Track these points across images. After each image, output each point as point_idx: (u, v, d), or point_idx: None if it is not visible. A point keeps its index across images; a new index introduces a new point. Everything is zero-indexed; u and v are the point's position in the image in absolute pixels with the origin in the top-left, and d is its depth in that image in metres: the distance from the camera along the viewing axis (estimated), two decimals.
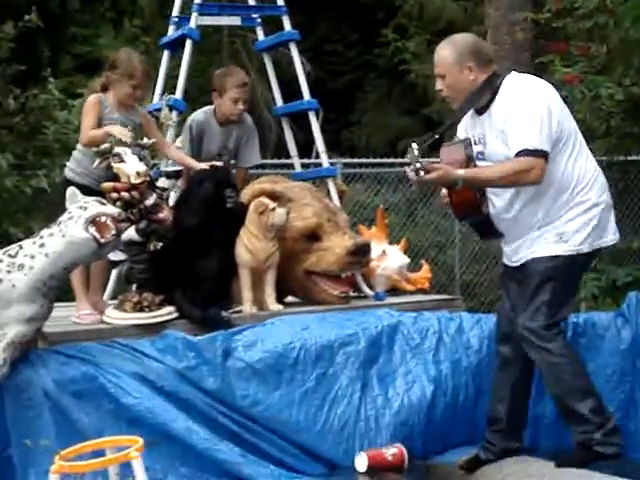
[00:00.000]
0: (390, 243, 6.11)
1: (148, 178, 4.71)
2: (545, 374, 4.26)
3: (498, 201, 4.32)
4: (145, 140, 4.89)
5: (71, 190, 4.32)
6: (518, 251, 4.31)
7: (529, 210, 4.22)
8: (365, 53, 15.18)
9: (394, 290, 5.84)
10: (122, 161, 4.67)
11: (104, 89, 4.97)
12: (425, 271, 6.13)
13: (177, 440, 4.21)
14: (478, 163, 4.29)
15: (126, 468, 3.50)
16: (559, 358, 4.17)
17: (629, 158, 8.48)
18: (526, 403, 4.52)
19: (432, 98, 13.59)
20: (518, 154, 4.05)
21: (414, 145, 4.01)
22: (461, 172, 4.11)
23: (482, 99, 4.25)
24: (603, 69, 7.46)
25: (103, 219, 4.14)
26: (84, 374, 4.21)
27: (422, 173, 4.01)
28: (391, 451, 4.50)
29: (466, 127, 4.42)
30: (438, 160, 4.35)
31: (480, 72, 4.24)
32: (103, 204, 4.25)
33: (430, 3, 13.89)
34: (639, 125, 7.30)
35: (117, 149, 4.67)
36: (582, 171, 4.22)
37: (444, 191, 4.43)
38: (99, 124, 4.86)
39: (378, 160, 9.58)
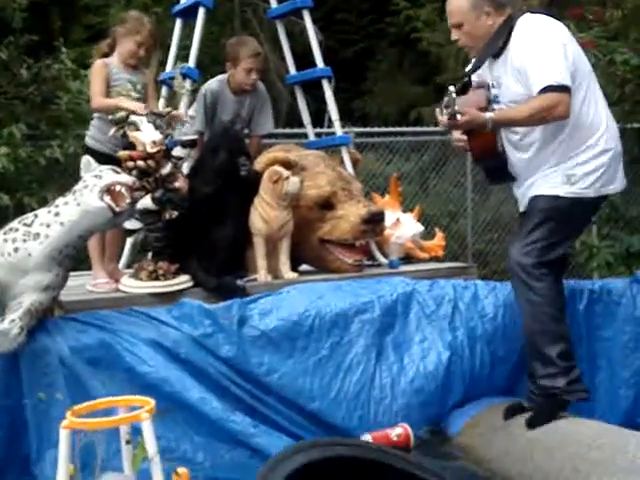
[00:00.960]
0: (403, 211, 6.10)
1: (164, 147, 4.71)
2: (522, 311, 4.27)
3: (513, 143, 4.32)
4: (162, 109, 4.90)
5: (86, 159, 4.34)
6: (527, 194, 4.32)
7: (543, 150, 4.22)
8: (376, 22, 15.08)
9: (408, 258, 5.85)
10: (138, 130, 4.67)
11: (111, 49, 5.02)
12: (439, 239, 6.13)
13: (191, 409, 4.23)
14: (494, 107, 4.28)
15: (138, 428, 3.51)
16: (540, 298, 4.17)
17: None
18: None
19: (444, 66, 13.55)
20: (542, 91, 4.02)
21: (451, 88, 4.00)
22: (489, 114, 4.11)
23: (499, 42, 4.22)
24: (618, 34, 7.40)
25: (118, 188, 4.15)
26: (100, 341, 4.24)
27: (459, 117, 4.00)
28: (396, 431, 4.46)
29: (480, 72, 4.40)
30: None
31: (497, 16, 4.22)
32: (118, 173, 4.26)
33: None
34: None
35: (133, 117, 4.67)
36: (596, 115, 4.21)
37: (456, 135, 4.42)
38: (107, 86, 4.89)
39: (390, 129, 9.56)
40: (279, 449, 4.19)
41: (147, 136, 4.63)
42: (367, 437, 4.43)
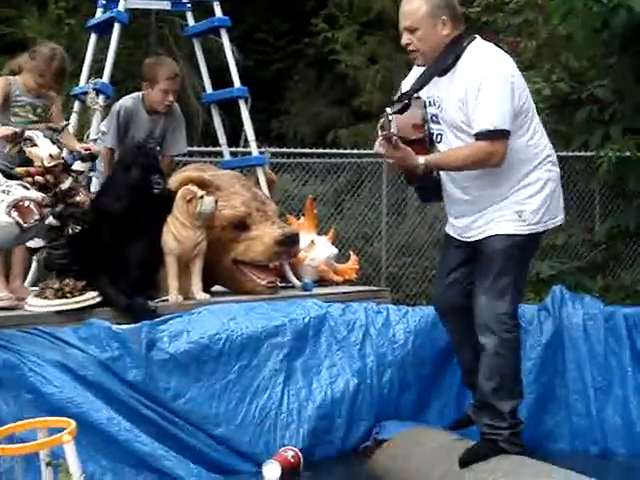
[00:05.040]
0: (318, 234, 6.09)
1: (62, 161, 4.63)
2: (484, 362, 4.15)
3: (454, 186, 4.23)
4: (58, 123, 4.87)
5: None
6: (471, 227, 4.20)
7: (488, 189, 4.12)
8: (295, 43, 15.13)
9: (321, 281, 5.83)
10: (35, 145, 4.59)
11: (20, 70, 4.97)
12: (352, 262, 6.13)
13: (98, 431, 4.12)
14: (432, 126, 4.19)
15: (57, 450, 3.40)
16: (506, 351, 4.09)
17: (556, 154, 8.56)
18: None
19: (361, 89, 13.65)
20: (478, 136, 3.97)
21: (388, 110, 3.91)
22: (422, 160, 4.01)
23: (447, 60, 4.11)
24: (531, 65, 7.52)
25: (26, 204, 4.05)
26: (4, 361, 4.11)
27: (394, 139, 3.89)
28: (289, 454, 4.41)
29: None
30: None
31: (452, 28, 4.11)
32: (27, 188, 4.16)
33: None
34: (566, 122, 7.38)
35: (28, 133, 4.60)
36: (539, 146, 4.15)
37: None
38: (7, 103, 4.85)
39: (307, 150, 9.56)
40: (187, 473, 4.16)
41: (44, 151, 4.56)
42: (273, 463, 4.34)
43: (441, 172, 4.27)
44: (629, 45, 6.48)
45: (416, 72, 4.32)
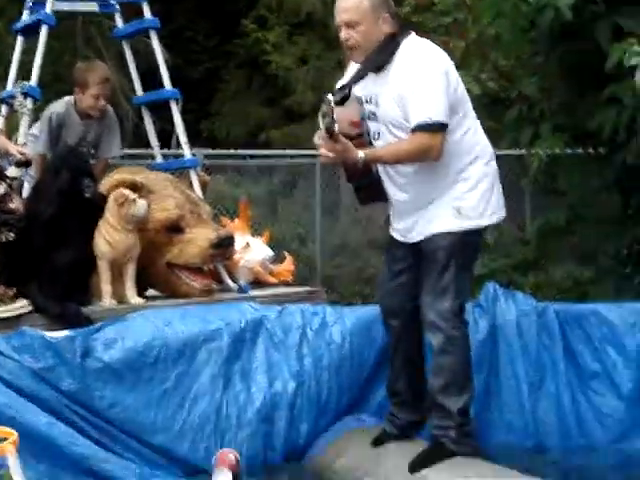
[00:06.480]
0: (253, 235, 6.06)
1: None
2: (433, 360, 4.16)
3: (393, 185, 4.21)
4: None
5: None
6: (414, 227, 4.18)
7: (425, 185, 4.11)
8: (225, 43, 15.08)
9: (257, 282, 5.80)
10: None
11: None
12: (288, 263, 6.11)
13: (35, 436, 4.03)
14: (369, 123, 4.17)
15: None
16: (453, 348, 4.08)
17: None
18: (423, 372, 4.40)
19: (292, 89, 13.65)
20: (416, 129, 3.96)
21: (330, 97, 3.86)
22: (362, 154, 3.98)
23: (382, 57, 4.10)
24: (461, 64, 7.56)
25: None
26: None
27: (336, 127, 3.85)
28: (231, 456, 4.22)
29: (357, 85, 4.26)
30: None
31: (390, 25, 4.10)
32: None
33: None
34: (495, 120, 7.43)
35: None
36: (474, 141, 4.16)
37: (322, 150, 4.11)
38: None
39: (240, 151, 9.53)
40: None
41: None
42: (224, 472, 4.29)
43: (380, 172, 4.26)
44: (556, 44, 6.54)
45: (353, 69, 4.30)
